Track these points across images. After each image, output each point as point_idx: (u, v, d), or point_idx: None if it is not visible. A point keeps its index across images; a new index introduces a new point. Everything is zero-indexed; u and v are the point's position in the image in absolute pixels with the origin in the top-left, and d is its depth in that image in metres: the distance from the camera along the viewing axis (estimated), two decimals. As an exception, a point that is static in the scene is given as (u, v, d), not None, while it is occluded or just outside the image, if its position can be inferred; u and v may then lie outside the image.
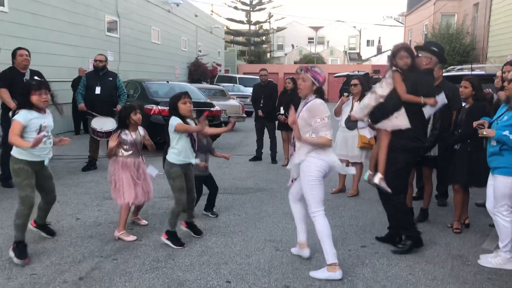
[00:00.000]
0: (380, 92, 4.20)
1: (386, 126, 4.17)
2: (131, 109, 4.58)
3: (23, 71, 6.35)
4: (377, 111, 4.21)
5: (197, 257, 4.05)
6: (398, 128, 4.11)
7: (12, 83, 6.16)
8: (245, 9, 45.37)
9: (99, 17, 14.27)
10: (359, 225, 5.08)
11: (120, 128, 4.60)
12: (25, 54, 6.36)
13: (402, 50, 4.19)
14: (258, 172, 7.86)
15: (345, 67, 35.33)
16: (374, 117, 4.26)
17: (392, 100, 4.13)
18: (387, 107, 4.14)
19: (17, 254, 3.82)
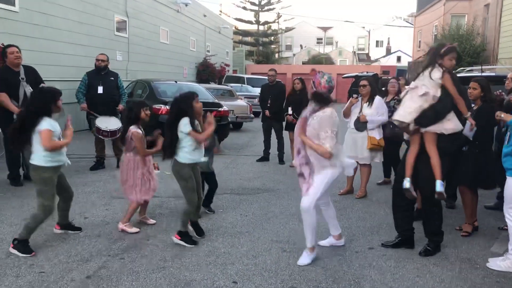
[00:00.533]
0: (433, 92, 4.00)
1: (436, 129, 4.02)
2: (142, 105, 4.68)
3: (16, 69, 6.24)
4: (432, 114, 3.99)
5: (204, 257, 4.05)
6: (452, 131, 4.01)
7: (8, 84, 6.09)
8: (254, 9, 45.41)
9: (108, 17, 14.34)
10: (367, 226, 5.06)
11: (130, 124, 4.62)
12: (15, 51, 6.19)
13: (454, 51, 4.11)
14: (265, 173, 7.86)
15: (353, 68, 35.21)
16: (428, 120, 4.02)
17: (446, 102, 4.00)
18: (443, 109, 3.99)
19: (21, 250, 3.92)
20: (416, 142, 4.18)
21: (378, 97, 6.17)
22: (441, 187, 4.01)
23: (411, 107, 4.05)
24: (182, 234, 4.29)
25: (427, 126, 4.03)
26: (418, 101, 4.03)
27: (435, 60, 4.09)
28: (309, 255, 3.99)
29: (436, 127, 4.01)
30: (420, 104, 4.02)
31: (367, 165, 6.25)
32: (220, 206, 5.65)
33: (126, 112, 4.73)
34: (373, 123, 6.02)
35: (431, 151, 4.05)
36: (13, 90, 6.08)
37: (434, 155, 4.04)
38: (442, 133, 4.01)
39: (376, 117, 6.03)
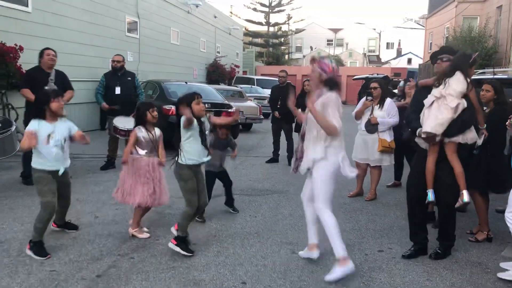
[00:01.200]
0: (463, 104, 3.93)
1: (460, 139, 4.01)
2: (148, 106, 4.56)
3: (48, 71, 6.46)
4: (461, 124, 3.95)
5: (213, 257, 4.06)
6: (472, 141, 4.05)
7: (36, 83, 6.27)
8: (264, 10, 45.47)
9: (119, 17, 14.44)
10: (376, 229, 5.03)
11: (137, 125, 4.56)
12: (52, 54, 6.47)
13: (476, 63, 4.16)
14: (274, 174, 7.86)
15: (364, 70, 35.07)
16: (453, 131, 3.96)
17: (472, 112, 4.02)
18: (470, 120, 4.00)
19: (37, 252, 3.93)
20: (435, 151, 4.10)
21: (389, 99, 6.15)
22: (468, 198, 4.01)
23: (443, 119, 3.92)
24: (179, 239, 4.10)
25: (452, 136, 3.98)
26: (449, 112, 3.92)
27: (462, 68, 4.02)
28: (341, 268, 3.63)
29: (461, 137, 3.99)
30: (451, 115, 3.92)
31: (377, 167, 6.23)
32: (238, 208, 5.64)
33: (136, 113, 4.70)
34: (384, 125, 6.00)
35: (454, 161, 4.03)
36: (39, 89, 6.18)
37: (458, 165, 4.03)
38: (466, 143, 4.02)
39: (387, 119, 6.01)
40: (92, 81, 11.72)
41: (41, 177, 4.05)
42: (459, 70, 4.01)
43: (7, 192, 6.01)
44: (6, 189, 6.14)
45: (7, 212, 5.14)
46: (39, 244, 3.98)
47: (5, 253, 3.98)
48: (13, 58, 8.59)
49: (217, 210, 5.48)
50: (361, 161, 6.28)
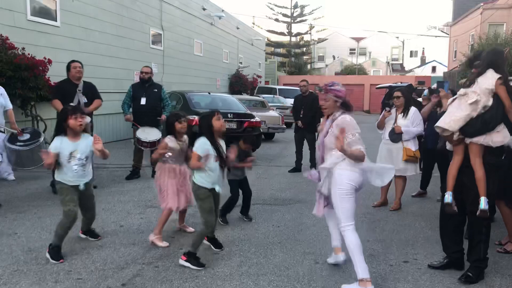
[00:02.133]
0: (484, 102, 3.74)
1: (486, 140, 3.76)
2: (176, 117, 4.71)
3: (76, 82, 6.70)
4: (480, 123, 3.74)
5: (236, 267, 4.07)
6: (500, 144, 3.76)
7: (65, 94, 6.53)
8: (286, 21, 45.66)
9: (144, 30, 14.72)
10: (402, 239, 4.96)
11: (167, 134, 4.73)
12: (78, 67, 6.71)
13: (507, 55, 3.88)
14: (297, 184, 7.83)
15: (387, 78, 34.74)
16: (475, 130, 3.76)
17: (497, 112, 3.73)
18: (492, 119, 3.72)
19: (53, 256, 4.11)
20: (459, 153, 3.92)
21: (413, 107, 6.08)
22: (485, 205, 3.73)
23: (458, 115, 3.79)
24: (189, 255, 4.07)
25: (472, 136, 3.78)
26: (467, 109, 3.77)
27: (496, 65, 3.81)
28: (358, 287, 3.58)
29: (483, 139, 3.75)
30: (468, 112, 3.76)
31: (402, 177, 6.15)
32: (252, 216, 5.67)
33: (166, 124, 4.86)
34: (408, 134, 5.93)
35: (476, 165, 3.79)
36: (68, 100, 6.43)
37: (479, 169, 3.78)
38: (490, 146, 3.75)
39: (412, 128, 5.94)
40: (118, 93, 11.97)
41: (63, 188, 4.26)
42: (492, 67, 3.81)
43: (36, 201, 6.16)
44: (35, 199, 6.30)
45: (36, 221, 5.26)
46: (57, 248, 4.15)
47: (34, 261, 4.07)
48: (42, 71, 8.84)
49: (241, 220, 5.50)
50: (385, 170, 6.21)
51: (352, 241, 3.62)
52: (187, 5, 18.19)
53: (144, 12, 14.67)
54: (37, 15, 9.77)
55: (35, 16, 9.71)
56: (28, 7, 9.50)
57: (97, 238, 4.73)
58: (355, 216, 3.73)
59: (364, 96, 36.10)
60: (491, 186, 3.81)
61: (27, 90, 8.55)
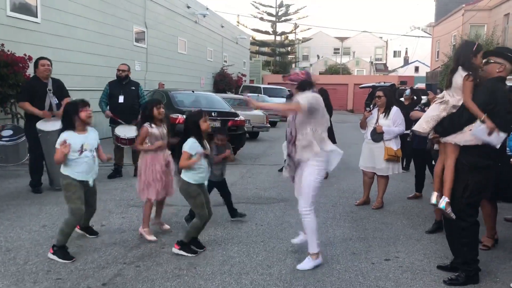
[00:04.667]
0: (453, 102, 3.79)
1: (456, 140, 3.76)
2: (155, 103, 4.74)
3: (45, 81, 6.47)
4: (448, 123, 3.80)
5: (218, 266, 4.05)
6: (471, 143, 3.68)
7: (35, 95, 6.33)
8: (271, 20, 45.71)
9: (127, 28, 14.58)
10: (383, 237, 5.00)
11: (145, 121, 4.68)
12: (47, 64, 6.47)
13: (481, 49, 3.82)
14: (281, 182, 7.83)
15: (371, 78, 35.07)
16: (443, 129, 3.84)
17: (463, 111, 3.73)
18: (461, 119, 3.73)
19: (62, 256, 4.03)
20: (442, 153, 3.97)
21: (395, 107, 6.13)
22: (443, 204, 3.76)
23: (429, 116, 3.95)
24: (182, 243, 4.25)
25: (443, 135, 3.86)
26: (437, 109, 3.89)
27: (463, 61, 3.78)
28: (311, 261, 4.06)
29: (453, 138, 3.78)
30: (438, 112, 3.86)
31: (384, 176, 6.20)
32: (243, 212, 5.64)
33: (142, 111, 4.83)
34: (390, 133, 5.97)
35: (446, 163, 3.84)
36: (39, 100, 6.28)
37: (448, 168, 3.81)
38: (471, 145, 3.70)
39: (393, 127, 5.99)
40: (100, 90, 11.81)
41: (70, 184, 4.14)
42: (460, 64, 3.81)
43: (15, 200, 6.05)
44: (14, 198, 6.19)
45: (15, 220, 5.17)
46: (64, 249, 4.08)
47: (12, 261, 4.00)
48: (22, 68, 8.67)
49: (223, 219, 5.48)
50: (367, 169, 6.27)
51: (313, 222, 4.06)
52: (171, 3, 18.07)
53: (128, 9, 14.52)
54: (17, 10, 9.60)
55: (15, 12, 9.54)
56: (8, 3, 9.32)
57: (95, 235, 4.68)
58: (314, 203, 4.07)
59: (348, 95, 36.37)
60: (459, 186, 3.76)
61: (7, 88, 8.39)
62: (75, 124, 4.17)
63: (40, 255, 4.14)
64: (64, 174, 4.16)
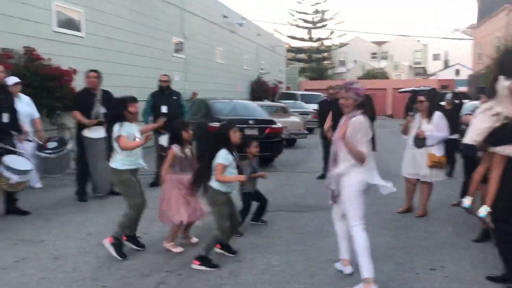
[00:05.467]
0: (506, 112, 3.60)
1: (507, 151, 3.61)
2: (183, 126, 4.73)
3: (93, 91, 6.78)
4: (500, 134, 3.62)
5: (259, 275, 4.05)
6: None
7: (84, 104, 6.65)
8: (307, 26, 45.64)
9: (166, 39, 14.92)
10: (428, 246, 4.86)
11: (172, 143, 4.69)
12: (93, 76, 6.79)
13: None
14: (320, 190, 7.73)
15: (410, 82, 34.38)
16: (495, 140, 3.67)
17: None
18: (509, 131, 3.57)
19: (118, 253, 4.30)
20: (485, 161, 3.84)
21: (437, 112, 5.97)
22: (484, 213, 3.66)
23: (480, 128, 3.73)
24: (202, 258, 4.15)
25: (495, 145, 3.68)
26: (489, 121, 3.68)
27: (506, 70, 3.61)
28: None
29: (504, 149, 3.61)
30: (490, 124, 3.67)
31: (427, 182, 6.03)
32: (274, 223, 5.65)
33: (171, 132, 4.85)
34: (433, 139, 5.81)
35: (492, 173, 3.70)
36: (86, 109, 6.59)
37: (494, 178, 3.68)
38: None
39: (436, 133, 5.83)
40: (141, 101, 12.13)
41: (128, 180, 4.36)
42: (502, 74, 3.65)
43: (61, 209, 6.27)
44: (61, 206, 6.41)
45: (62, 228, 5.35)
46: (120, 246, 4.32)
47: (60, 269, 4.13)
48: (67, 81, 9.03)
49: (263, 227, 5.48)
50: (410, 176, 6.12)
51: (361, 240, 3.70)
52: (208, 13, 18.37)
53: (167, 21, 14.87)
54: (62, 26, 10.01)
55: (61, 27, 9.94)
56: (54, 19, 9.73)
57: (142, 248, 4.66)
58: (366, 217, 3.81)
59: (387, 100, 35.74)
60: (504, 191, 3.63)
61: (53, 100, 8.74)
62: (126, 117, 4.38)
63: (87, 263, 4.26)
64: (120, 169, 4.35)
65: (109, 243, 4.33)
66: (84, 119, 6.58)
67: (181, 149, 4.65)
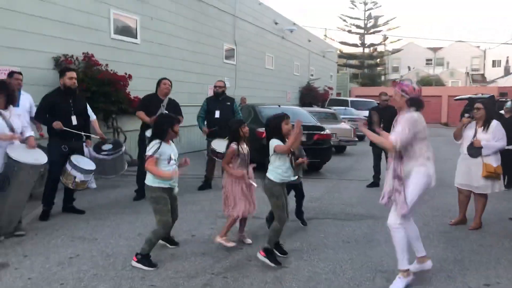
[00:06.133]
0: None
1: None
2: (240, 123, 4.94)
3: (162, 98, 7.06)
4: None
5: (304, 282, 4.02)
6: None
7: (150, 106, 6.91)
8: (359, 32, 45.03)
9: (218, 45, 15.18)
10: (482, 261, 4.64)
11: (231, 141, 4.87)
12: (168, 84, 7.09)
13: None
14: (370, 198, 7.60)
15: (467, 90, 33.01)
16: None
17: None
18: None
19: (148, 264, 4.25)
20: None
21: (495, 121, 5.70)
22: None
23: None
24: (267, 251, 4.35)
25: None
26: None
27: None
28: (402, 280, 3.85)
29: None
30: None
31: (482, 194, 5.77)
32: (321, 231, 5.60)
33: (229, 131, 5.01)
34: (489, 148, 5.55)
35: None
36: (151, 112, 6.79)
37: None
38: None
39: (493, 142, 5.57)
40: (192, 106, 12.39)
41: (160, 197, 4.35)
42: None
43: (115, 208, 6.51)
44: (114, 206, 6.66)
45: (114, 228, 5.55)
46: (146, 257, 4.29)
47: (111, 267, 4.29)
48: (123, 86, 9.38)
49: (308, 234, 5.44)
50: (463, 187, 5.87)
51: (404, 238, 3.87)
52: (260, 20, 18.53)
53: (218, 28, 15.13)
54: (119, 33, 10.42)
55: (118, 34, 10.36)
56: (112, 26, 10.15)
57: (176, 245, 4.88)
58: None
59: (442, 108, 34.53)
60: None
61: (109, 104, 9.10)
62: (168, 136, 4.40)
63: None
64: (154, 187, 4.35)
65: (135, 262, 4.31)
66: (146, 118, 6.77)
67: (239, 146, 4.84)
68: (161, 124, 4.47)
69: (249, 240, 5.07)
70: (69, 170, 5.73)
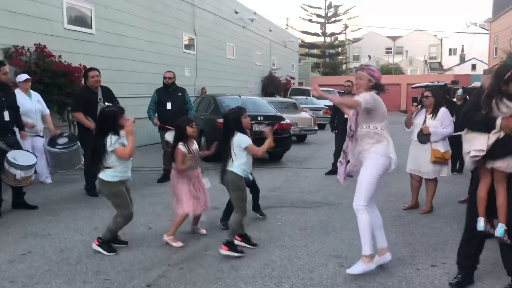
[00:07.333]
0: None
1: (499, 165, 3.41)
2: (187, 122, 4.80)
3: (95, 90, 6.79)
4: (497, 148, 3.37)
5: (259, 269, 4.08)
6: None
7: (88, 105, 6.65)
8: (320, 21, 45.40)
9: (177, 35, 14.99)
10: (431, 243, 4.84)
11: (177, 140, 4.75)
12: (96, 75, 6.76)
13: None
14: (327, 186, 7.76)
15: (425, 77, 33.99)
16: (492, 154, 3.40)
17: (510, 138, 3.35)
18: (508, 145, 3.34)
19: (108, 249, 4.39)
20: (486, 177, 3.56)
21: (443, 108, 5.92)
22: (501, 231, 3.43)
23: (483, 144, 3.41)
24: (229, 244, 4.37)
25: (493, 159, 3.42)
26: (486, 136, 3.42)
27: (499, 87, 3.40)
28: (362, 264, 3.89)
29: (502, 164, 3.40)
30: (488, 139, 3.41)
31: (432, 179, 6.00)
32: (278, 219, 5.68)
33: (175, 129, 4.89)
34: (437, 135, 5.77)
35: (498, 190, 3.49)
36: (91, 110, 6.57)
37: (500, 195, 3.48)
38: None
39: (441, 129, 5.79)
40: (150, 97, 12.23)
41: (120, 191, 4.39)
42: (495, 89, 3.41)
43: (70, 203, 6.38)
44: (69, 201, 6.52)
45: (69, 223, 5.45)
46: (107, 243, 4.41)
47: (65, 262, 4.22)
48: (78, 77, 9.14)
49: (266, 222, 5.51)
50: (413, 172, 6.09)
51: (368, 221, 3.90)
52: (219, 9, 18.39)
53: (177, 17, 14.93)
54: (73, 23, 10.13)
55: (71, 25, 10.07)
56: (65, 16, 9.85)
57: (124, 244, 4.70)
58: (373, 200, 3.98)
59: (401, 96, 35.44)
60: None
61: (64, 96, 8.87)
62: (118, 130, 4.33)
63: (91, 257, 4.34)
64: (112, 181, 4.34)
65: (96, 245, 4.41)
66: (88, 123, 6.53)
67: (186, 146, 4.73)
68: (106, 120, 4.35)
69: (204, 231, 5.07)
70: (7, 168, 5.52)
